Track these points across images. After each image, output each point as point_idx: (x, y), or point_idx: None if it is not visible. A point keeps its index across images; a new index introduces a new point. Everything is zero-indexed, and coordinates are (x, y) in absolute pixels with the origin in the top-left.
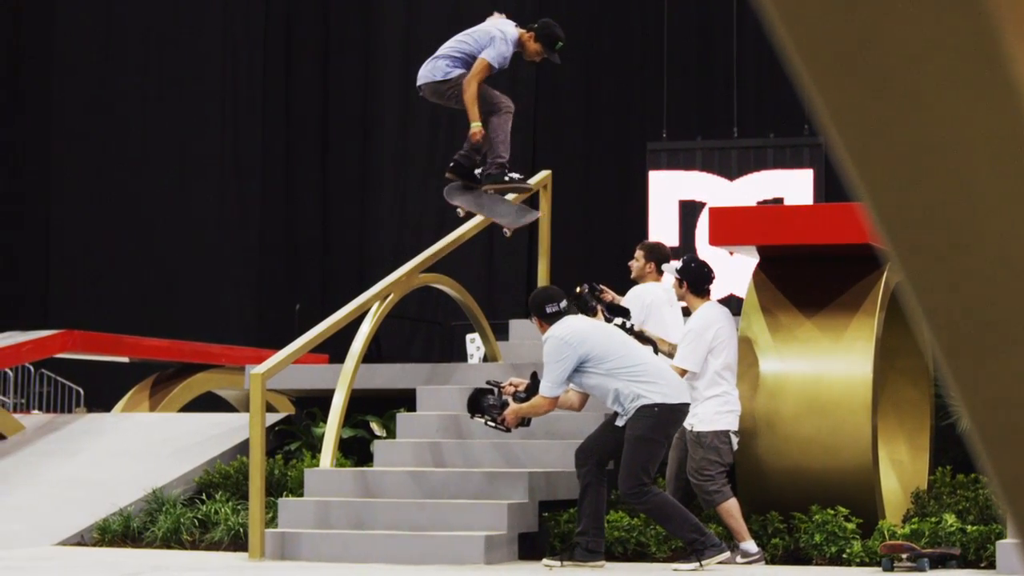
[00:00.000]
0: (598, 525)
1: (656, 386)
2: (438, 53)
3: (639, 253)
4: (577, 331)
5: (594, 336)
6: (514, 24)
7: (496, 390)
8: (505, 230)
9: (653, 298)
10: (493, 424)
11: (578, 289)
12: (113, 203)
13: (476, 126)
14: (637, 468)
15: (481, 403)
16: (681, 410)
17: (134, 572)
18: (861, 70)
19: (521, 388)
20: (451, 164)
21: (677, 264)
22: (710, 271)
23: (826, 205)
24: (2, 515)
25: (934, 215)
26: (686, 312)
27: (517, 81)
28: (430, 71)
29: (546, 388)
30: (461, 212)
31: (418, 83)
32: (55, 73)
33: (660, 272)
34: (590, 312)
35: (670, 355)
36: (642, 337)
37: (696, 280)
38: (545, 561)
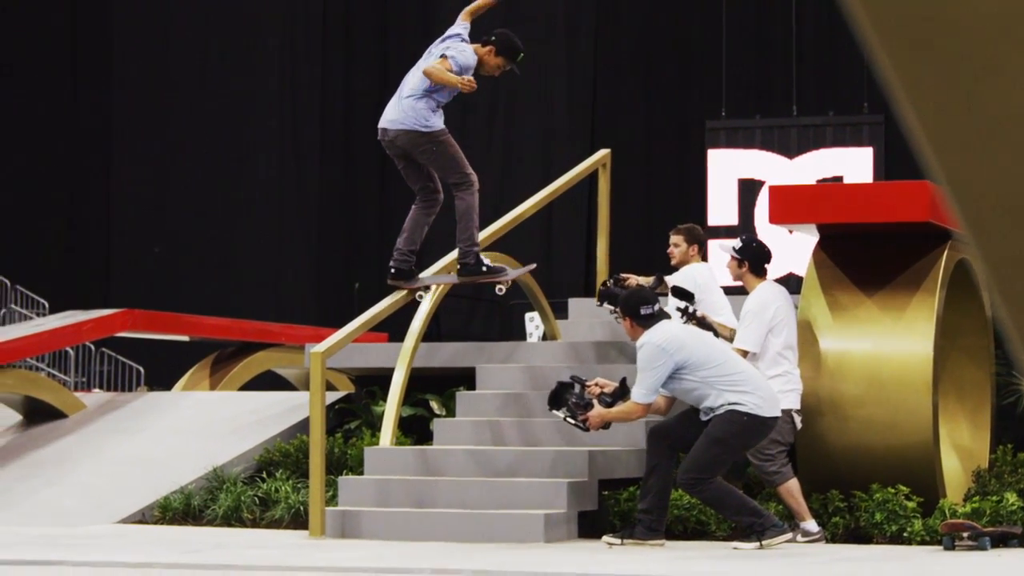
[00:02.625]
0: (663, 505)
1: (752, 396)
2: (407, 92)
3: (678, 238)
4: (674, 337)
5: (691, 343)
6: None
7: (579, 386)
8: (499, 287)
9: (704, 279)
10: (573, 421)
11: (603, 287)
12: (173, 183)
13: (464, 79)
14: (703, 465)
15: (564, 398)
16: (769, 424)
17: (195, 550)
18: (938, 42)
19: (608, 390)
20: (391, 271)
21: (735, 243)
22: (768, 251)
23: (886, 183)
24: (64, 493)
25: (1010, 189)
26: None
27: (575, 59)
28: (403, 114)
29: (640, 395)
30: (422, 295)
31: (383, 126)
32: (115, 54)
33: (703, 254)
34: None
35: (730, 340)
36: (703, 323)
37: (756, 260)
38: (606, 538)
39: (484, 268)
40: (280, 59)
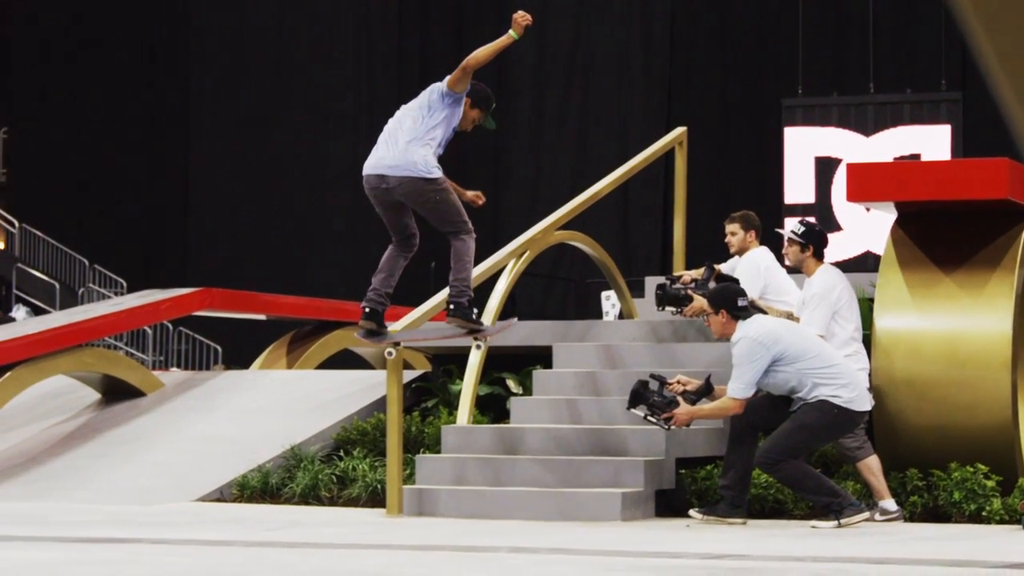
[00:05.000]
0: (745, 481)
1: (847, 389)
2: (407, 136)
3: (734, 226)
4: (770, 331)
5: (786, 335)
6: None
7: (659, 384)
8: (478, 342)
9: (768, 262)
10: (654, 420)
11: (660, 290)
12: (250, 163)
13: (512, 31)
14: (784, 448)
15: (645, 396)
16: (857, 419)
17: (273, 528)
18: None
19: (691, 388)
20: (367, 310)
21: (794, 228)
22: (826, 234)
23: (965, 160)
24: (143, 471)
25: None
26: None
27: (652, 38)
28: (405, 159)
29: (738, 390)
30: (392, 352)
31: (381, 172)
32: (192, 37)
33: (760, 239)
34: (684, 301)
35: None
36: (755, 308)
37: (820, 244)
38: (692, 513)
39: (474, 315)
40: (356, 38)
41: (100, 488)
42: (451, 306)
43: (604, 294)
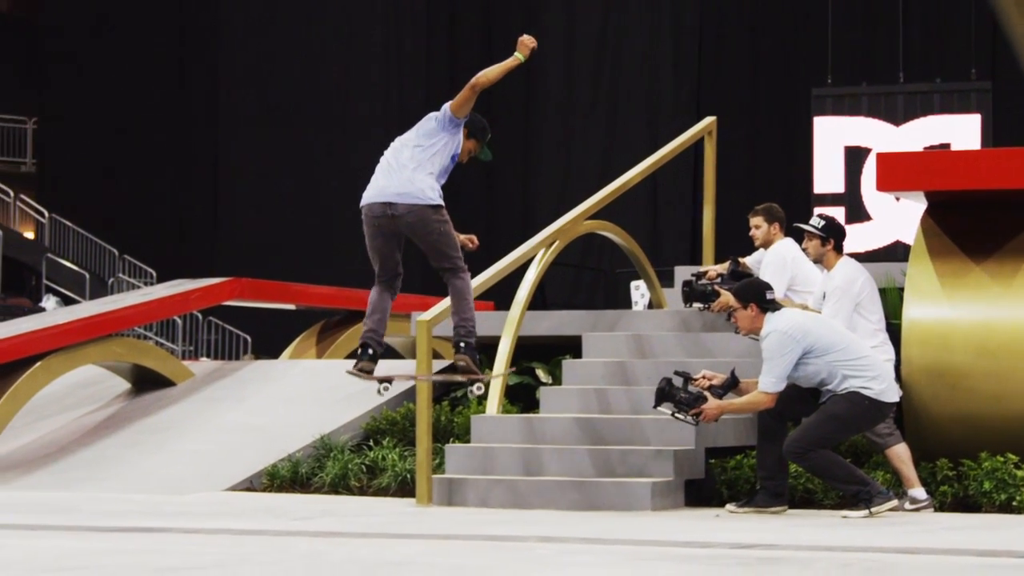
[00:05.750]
0: (783, 470)
1: (876, 380)
2: (412, 165)
3: (758, 219)
4: (798, 324)
5: (816, 328)
6: None
7: (684, 380)
8: (478, 385)
9: (794, 254)
10: (681, 417)
11: (688, 287)
12: (279, 152)
13: (518, 53)
14: (814, 438)
15: (671, 394)
16: (886, 411)
17: (303, 517)
18: None
19: (717, 382)
20: (370, 352)
21: (814, 222)
22: (844, 227)
23: (995, 150)
24: (173, 461)
25: None
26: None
27: (680, 27)
28: (413, 186)
29: (769, 384)
30: (387, 387)
31: (387, 200)
32: (223, 25)
33: (784, 231)
34: (711, 297)
35: None
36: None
37: (839, 237)
38: (729, 507)
39: (477, 357)
40: (385, 26)
41: (130, 477)
42: (461, 344)
43: (633, 284)
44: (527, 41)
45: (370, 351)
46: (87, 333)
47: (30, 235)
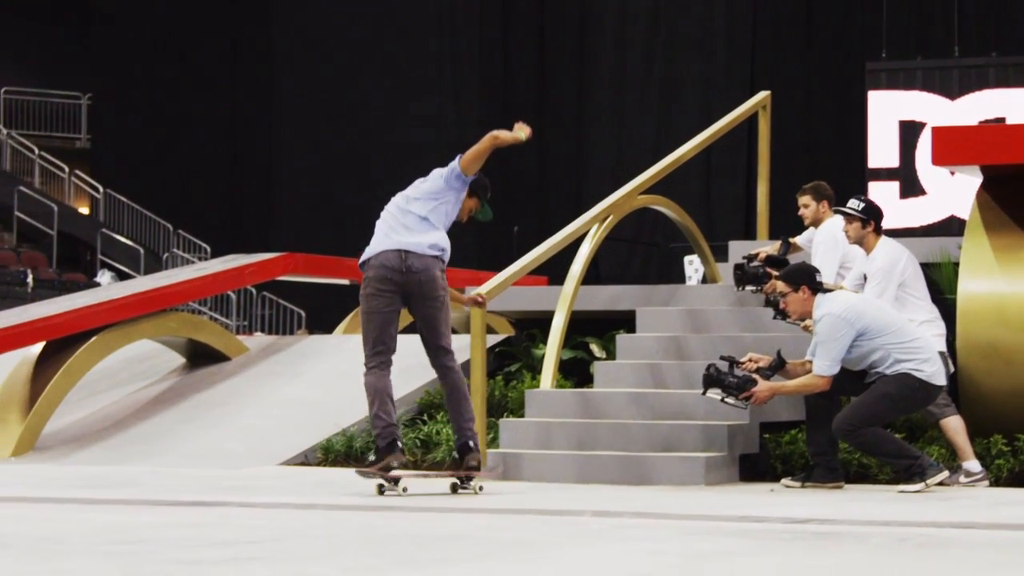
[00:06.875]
0: (835, 445)
1: (928, 363)
2: (422, 214)
3: (806, 198)
4: (851, 307)
5: (869, 311)
6: None
7: (730, 365)
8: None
9: (844, 234)
10: (731, 402)
11: (739, 270)
12: (333, 128)
13: (519, 133)
14: (864, 417)
15: (719, 379)
16: (935, 394)
17: (357, 492)
18: None
19: (764, 364)
20: (399, 446)
21: (853, 204)
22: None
23: None
24: (227, 435)
25: None
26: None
27: (734, 1)
28: (425, 238)
29: (824, 367)
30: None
31: (404, 248)
32: (274, 16)
33: (833, 208)
34: (763, 279)
35: None
36: None
37: (879, 218)
38: (785, 482)
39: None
40: (439, 8)
41: (185, 452)
42: (470, 443)
43: (687, 258)
44: (520, 130)
45: (399, 445)
46: (142, 308)
47: (85, 211)
